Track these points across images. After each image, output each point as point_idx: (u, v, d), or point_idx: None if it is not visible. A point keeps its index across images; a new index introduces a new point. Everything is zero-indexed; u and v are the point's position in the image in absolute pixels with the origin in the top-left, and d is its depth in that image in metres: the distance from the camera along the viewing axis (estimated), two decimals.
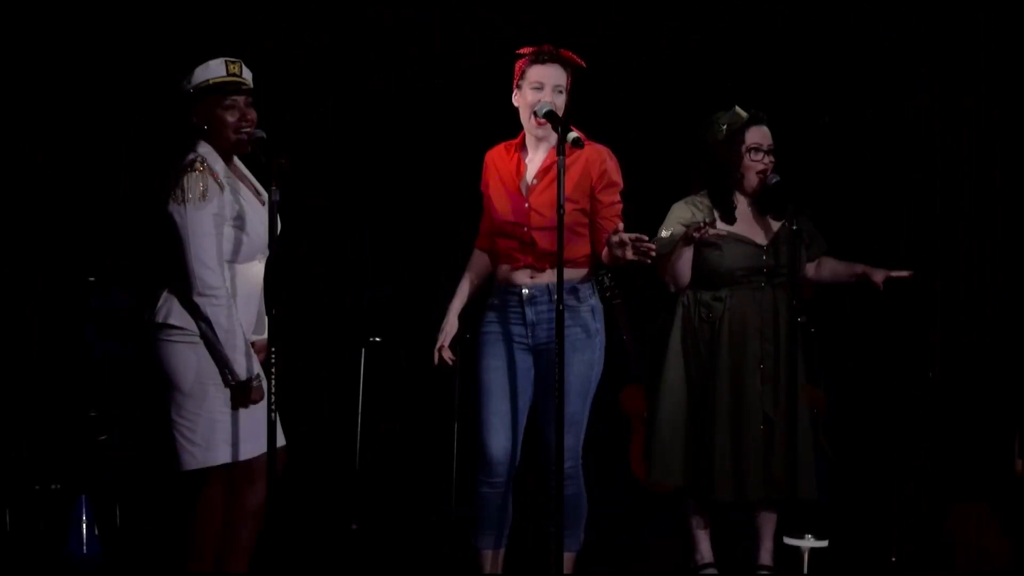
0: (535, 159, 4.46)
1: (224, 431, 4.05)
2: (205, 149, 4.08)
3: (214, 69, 4.06)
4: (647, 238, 4.13)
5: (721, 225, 4.92)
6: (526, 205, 4.41)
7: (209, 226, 3.98)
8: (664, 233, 4.91)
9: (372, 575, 5.42)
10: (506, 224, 4.44)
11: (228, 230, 4.03)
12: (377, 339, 5.51)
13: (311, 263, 6.39)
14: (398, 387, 6.45)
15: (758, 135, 4.93)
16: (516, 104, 4.43)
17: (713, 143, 4.97)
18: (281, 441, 4.16)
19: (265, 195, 4.13)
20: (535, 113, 4.33)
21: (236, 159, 4.21)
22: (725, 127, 4.94)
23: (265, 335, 4.19)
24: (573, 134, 4.22)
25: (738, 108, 4.96)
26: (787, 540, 4.70)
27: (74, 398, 5.68)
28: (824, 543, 4.67)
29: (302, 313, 6.20)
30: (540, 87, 4.35)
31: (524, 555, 5.01)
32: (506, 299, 4.46)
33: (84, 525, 5.38)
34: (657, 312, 5.16)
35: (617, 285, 5.85)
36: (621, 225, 4.27)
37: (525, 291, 4.42)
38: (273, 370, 3.99)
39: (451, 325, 4.55)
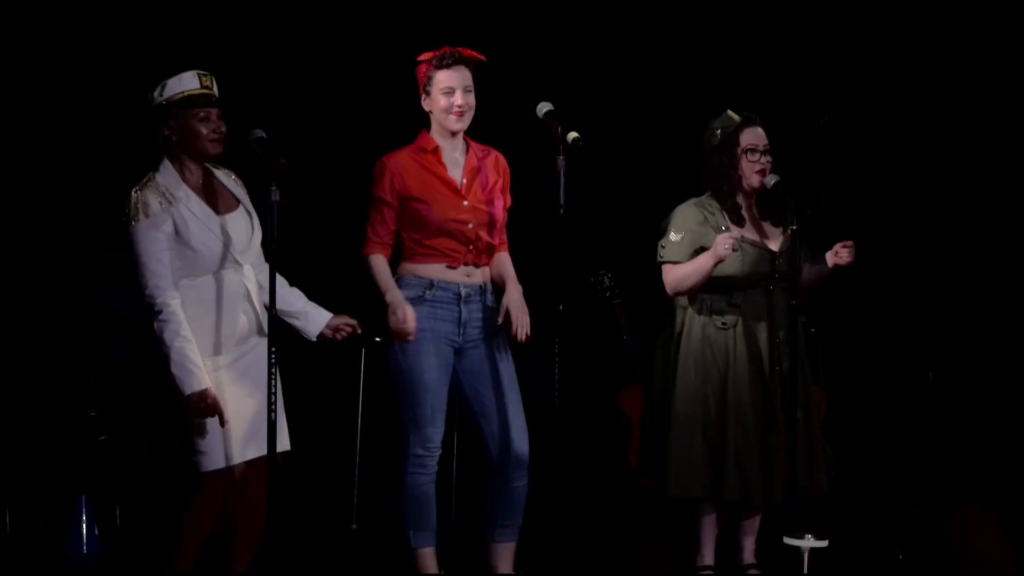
0: (455, 159, 4.54)
1: (214, 438, 4.09)
2: (165, 166, 4.16)
3: (187, 82, 4.13)
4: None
5: (734, 230, 4.91)
6: (465, 203, 4.49)
7: (158, 245, 4.04)
8: (674, 236, 4.91)
9: (372, 575, 5.42)
10: (450, 223, 4.47)
11: (178, 246, 4.08)
12: (377, 339, 5.48)
13: (311, 263, 6.38)
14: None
15: (753, 136, 4.93)
16: (427, 109, 4.50)
17: (709, 149, 4.99)
18: (284, 445, 4.19)
19: (246, 203, 4.25)
20: (537, 113, 4.42)
21: (219, 171, 4.27)
22: (719, 132, 4.96)
23: (250, 342, 4.22)
24: (573, 133, 4.28)
25: (730, 112, 4.98)
26: (787, 540, 4.69)
27: (74, 398, 5.67)
28: (824, 543, 4.66)
29: None
30: (451, 91, 4.44)
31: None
32: (440, 296, 4.50)
33: (84, 525, 5.38)
34: (650, 313, 5.13)
35: (617, 285, 5.85)
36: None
37: (463, 290, 4.49)
38: (274, 370, 4.02)
39: (410, 310, 4.46)
